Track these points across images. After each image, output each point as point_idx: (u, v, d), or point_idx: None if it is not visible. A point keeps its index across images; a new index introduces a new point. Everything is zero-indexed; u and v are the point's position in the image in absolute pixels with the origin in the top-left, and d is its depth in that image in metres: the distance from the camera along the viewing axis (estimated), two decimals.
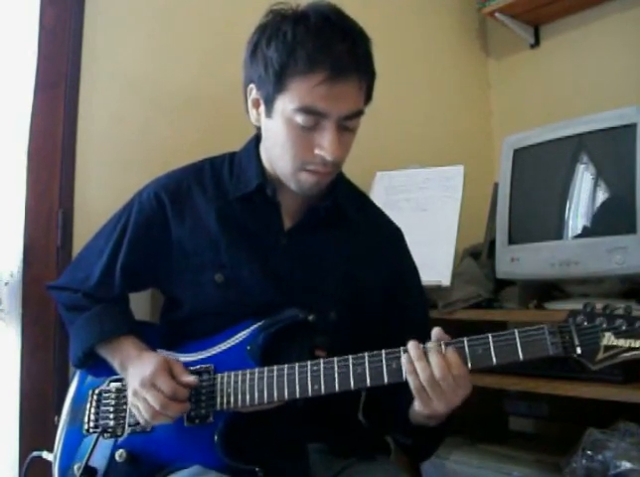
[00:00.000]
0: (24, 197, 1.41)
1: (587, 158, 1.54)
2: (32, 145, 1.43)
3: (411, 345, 0.95)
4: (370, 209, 1.28)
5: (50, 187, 1.45)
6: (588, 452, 1.31)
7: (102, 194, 1.50)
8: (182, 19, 1.69)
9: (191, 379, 1.04)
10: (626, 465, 1.25)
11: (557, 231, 1.58)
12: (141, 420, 1.04)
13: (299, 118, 1.01)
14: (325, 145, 1.01)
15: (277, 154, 1.08)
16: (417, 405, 0.97)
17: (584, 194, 1.54)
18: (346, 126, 1.03)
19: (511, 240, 1.65)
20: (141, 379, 1.02)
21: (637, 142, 1.41)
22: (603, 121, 1.50)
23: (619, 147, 1.48)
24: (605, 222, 1.49)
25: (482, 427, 1.85)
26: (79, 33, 1.51)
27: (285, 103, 1.01)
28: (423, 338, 0.99)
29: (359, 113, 1.04)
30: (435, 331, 0.97)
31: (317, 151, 1.03)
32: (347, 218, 1.17)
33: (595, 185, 1.53)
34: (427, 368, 0.92)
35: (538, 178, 1.65)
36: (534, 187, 1.66)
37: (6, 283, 1.38)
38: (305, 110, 1.00)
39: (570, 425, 1.55)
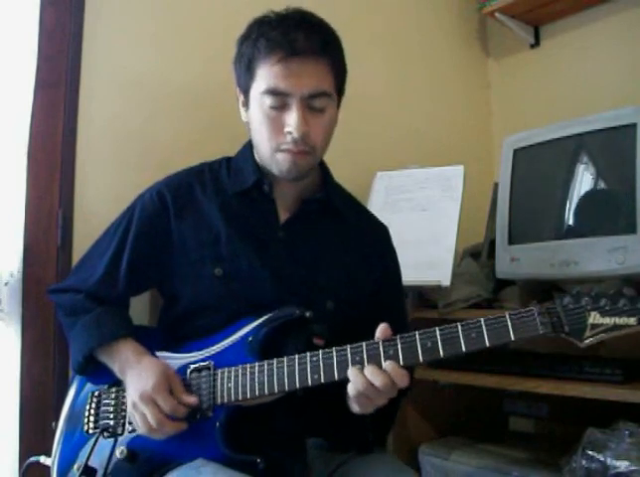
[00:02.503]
0: (24, 197, 1.41)
1: (587, 158, 1.54)
2: (32, 145, 1.43)
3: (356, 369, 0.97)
4: (358, 206, 1.35)
5: (50, 187, 1.44)
6: (588, 452, 1.31)
7: (102, 194, 1.50)
8: (183, 19, 1.69)
9: (191, 399, 1.05)
10: (626, 465, 1.25)
11: (556, 231, 1.58)
12: (139, 432, 1.05)
13: (267, 100, 1.09)
14: (291, 122, 1.08)
15: (257, 140, 1.16)
16: (357, 408, 1.01)
17: (584, 194, 1.54)
18: (313, 106, 1.10)
19: (511, 240, 1.65)
20: (141, 392, 1.03)
21: (637, 142, 1.41)
22: (603, 121, 1.50)
23: (619, 147, 1.48)
24: (605, 222, 1.49)
25: (482, 427, 1.85)
26: (79, 33, 1.51)
27: (256, 90, 1.11)
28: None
29: (323, 94, 1.10)
30: (382, 329, 0.99)
31: (286, 129, 1.09)
32: (338, 211, 1.24)
33: (595, 185, 1.53)
34: (368, 384, 0.96)
35: (538, 178, 1.65)
36: (534, 187, 1.66)
37: (6, 283, 1.37)
38: (270, 92, 1.08)
39: (570, 425, 1.55)
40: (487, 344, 0.93)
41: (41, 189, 1.43)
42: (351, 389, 0.98)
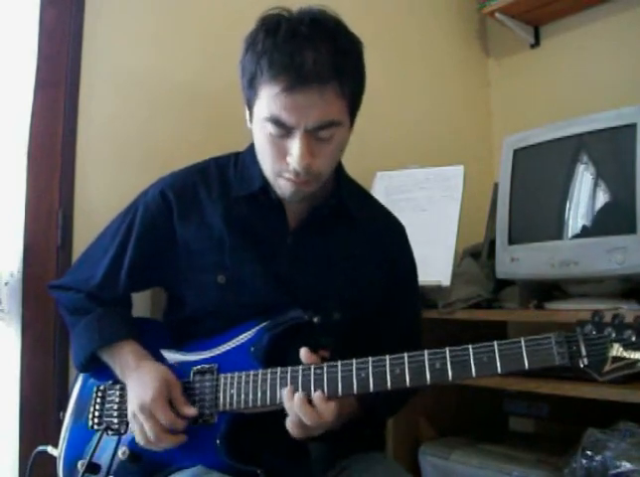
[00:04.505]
0: (24, 197, 1.41)
1: (587, 158, 1.54)
2: (32, 145, 1.43)
3: (287, 396, 0.98)
4: (372, 206, 1.28)
5: (50, 187, 1.44)
6: (588, 452, 1.31)
7: (102, 194, 1.50)
8: (183, 17, 1.69)
9: (191, 411, 1.04)
10: (626, 465, 1.25)
11: (556, 231, 1.58)
12: (137, 442, 1.05)
13: (270, 127, 1.01)
14: (293, 153, 1.01)
15: (260, 159, 1.09)
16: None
17: (584, 194, 1.54)
18: (319, 136, 1.01)
19: (511, 240, 1.65)
20: (140, 404, 1.03)
21: (637, 142, 1.41)
22: (603, 121, 1.50)
23: (619, 147, 1.48)
24: (605, 222, 1.49)
25: (482, 427, 1.85)
26: (79, 33, 1.51)
27: (259, 112, 1.03)
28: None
29: (331, 124, 1.01)
30: (304, 354, 0.99)
31: (288, 159, 1.02)
32: (350, 216, 1.18)
33: (595, 185, 1.53)
34: (300, 419, 0.96)
35: (538, 178, 1.65)
36: (534, 187, 1.66)
37: (6, 283, 1.37)
38: (272, 120, 1.00)
39: (570, 425, 1.55)
40: (499, 371, 0.89)
41: (41, 189, 1.43)
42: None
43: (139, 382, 1.06)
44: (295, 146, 1.00)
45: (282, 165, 1.03)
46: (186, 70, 1.67)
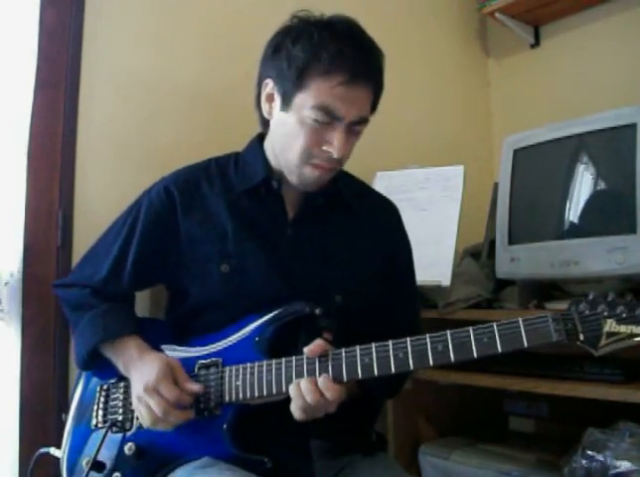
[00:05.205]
0: (24, 197, 1.41)
1: (587, 158, 1.54)
2: (32, 145, 1.43)
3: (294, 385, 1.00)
4: (367, 193, 1.34)
5: (50, 187, 1.44)
6: (588, 452, 1.31)
7: (102, 194, 1.50)
8: (183, 17, 1.69)
9: (195, 387, 1.05)
10: (626, 465, 1.25)
11: (556, 231, 1.58)
12: (144, 425, 1.06)
13: (315, 115, 1.07)
14: (334, 143, 1.09)
15: (286, 145, 1.13)
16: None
17: (584, 194, 1.54)
18: (353, 130, 1.11)
19: (511, 240, 1.65)
20: (145, 384, 1.04)
21: (637, 142, 1.41)
22: (603, 121, 1.50)
23: (619, 147, 1.48)
24: (605, 222, 1.49)
25: (482, 427, 1.85)
26: (79, 33, 1.51)
27: (304, 100, 1.08)
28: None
29: (365, 120, 1.12)
30: (312, 349, 1.00)
31: (325, 147, 1.09)
32: (346, 204, 1.22)
33: (595, 185, 1.53)
34: (303, 399, 0.98)
35: (538, 178, 1.65)
36: (534, 187, 1.66)
37: (6, 283, 1.37)
38: (321, 109, 1.07)
39: (570, 425, 1.55)
40: (499, 350, 0.92)
41: (41, 189, 1.43)
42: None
43: (142, 369, 1.07)
44: (337, 136, 1.08)
45: (315, 151, 1.10)
46: (186, 70, 1.67)
